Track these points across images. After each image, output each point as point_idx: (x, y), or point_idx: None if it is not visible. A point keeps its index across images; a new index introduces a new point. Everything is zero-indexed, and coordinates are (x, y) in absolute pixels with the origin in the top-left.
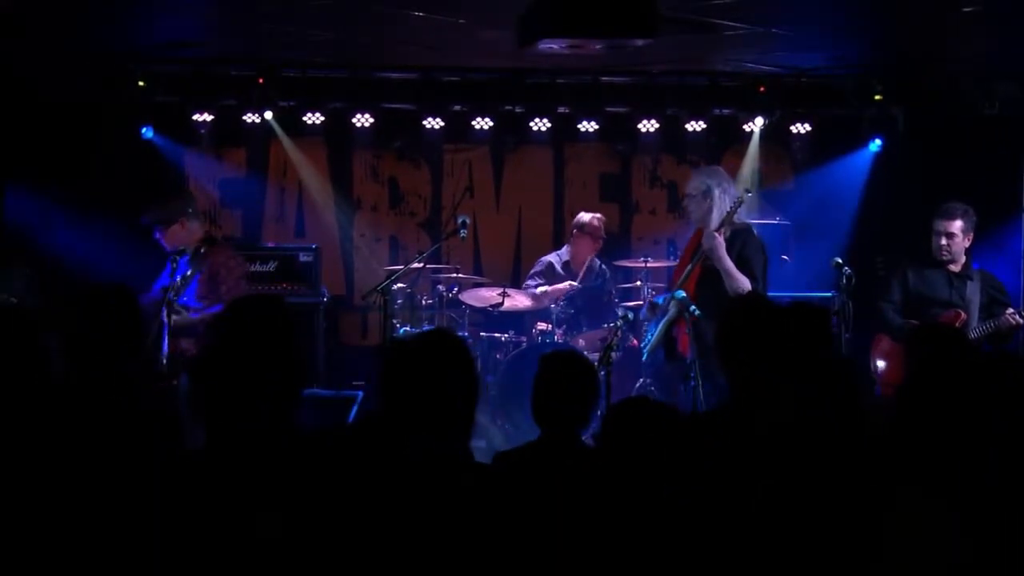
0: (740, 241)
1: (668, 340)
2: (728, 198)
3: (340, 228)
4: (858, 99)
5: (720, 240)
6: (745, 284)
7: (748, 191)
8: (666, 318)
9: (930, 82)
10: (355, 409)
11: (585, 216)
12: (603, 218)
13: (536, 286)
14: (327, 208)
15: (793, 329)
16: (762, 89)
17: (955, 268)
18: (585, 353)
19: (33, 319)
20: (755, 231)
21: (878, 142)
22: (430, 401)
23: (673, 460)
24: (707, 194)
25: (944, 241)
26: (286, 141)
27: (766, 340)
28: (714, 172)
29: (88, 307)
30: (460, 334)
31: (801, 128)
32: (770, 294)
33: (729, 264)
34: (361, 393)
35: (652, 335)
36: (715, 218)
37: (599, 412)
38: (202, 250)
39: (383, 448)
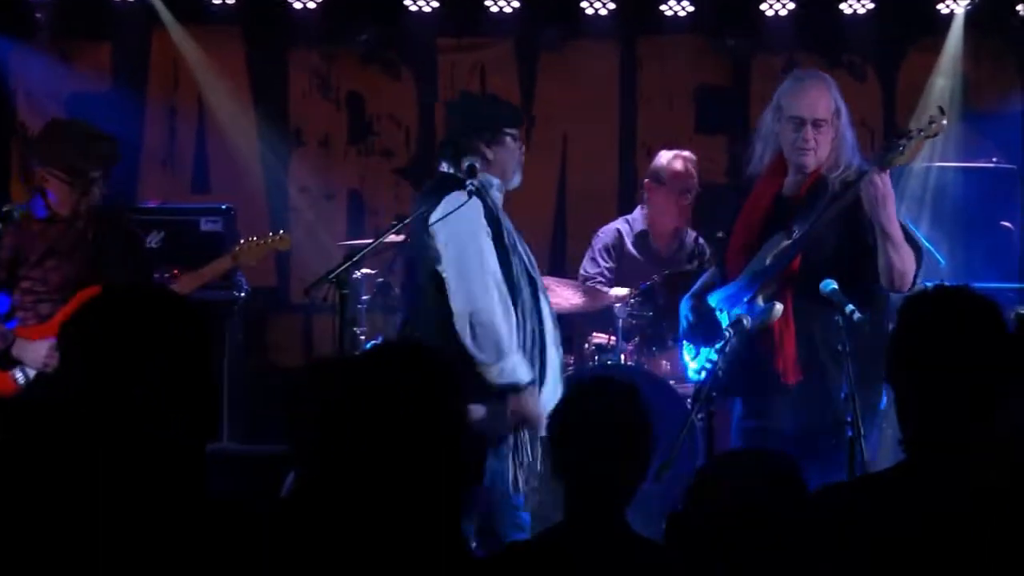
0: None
1: (754, 359)
2: (849, 120)
3: (268, 177)
4: None
5: (887, 186)
6: (910, 261)
7: (933, 120)
8: (753, 322)
9: None
10: (293, 474)
11: (664, 156)
12: (694, 158)
13: (599, 273)
14: (246, 144)
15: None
16: None
17: None
18: (671, 383)
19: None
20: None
21: None
22: (387, 459)
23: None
24: (839, 112)
25: None
26: (178, 32)
27: (974, 358)
28: (831, 78)
29: None
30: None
31: None
32: (981, 286)
33: (897, 228)
34: None
35: (717, 354)
36: (844, 152)
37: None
38: (105, 219)
39: (324, 534)
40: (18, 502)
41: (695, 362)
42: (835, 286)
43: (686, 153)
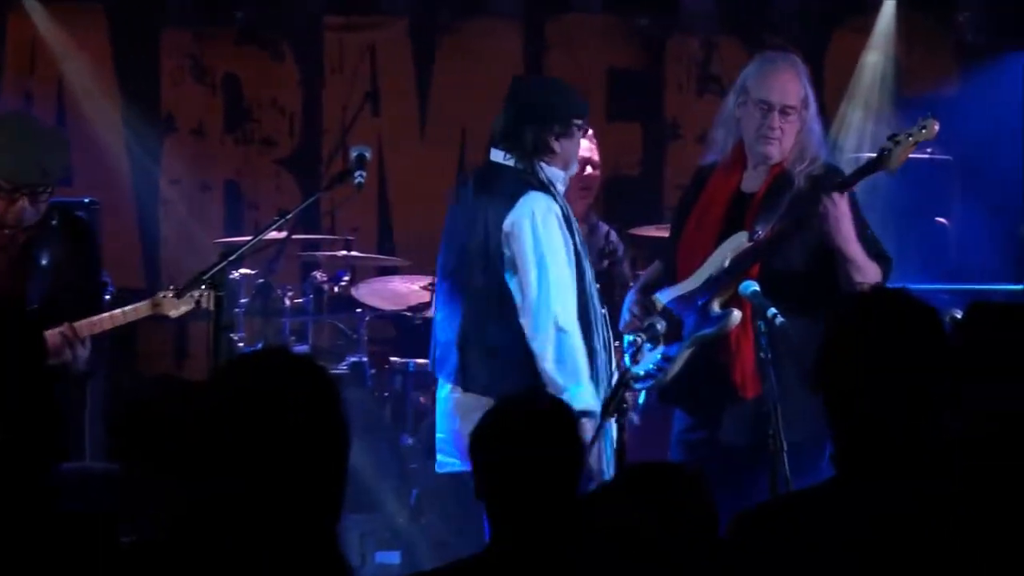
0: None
1: (709, 370)
2: (816, 111)
3: (135, 168)
4: None
5: (845, 206)
6: (875, 278)
7: (924, 126)
8: (702, 333)
9: None
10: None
11: None
12: (590, 136)
13: None
14: (111, 132)
15: (973, 351)
16: None
17: None
18: None
19: None
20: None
21: None
22: (272, 479)
23: None
24: (807, 101)
25: None
26: (36, 10)
27: (917, 367)
28: (801, 61)
29: None
30: (355, 359)
31: None
32: (913, 287)
33: (857, 249)
34: None
35: (665, 361)
36: (811, 145)
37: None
38: (54, 222)
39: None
40: None
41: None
42: (756, 288)
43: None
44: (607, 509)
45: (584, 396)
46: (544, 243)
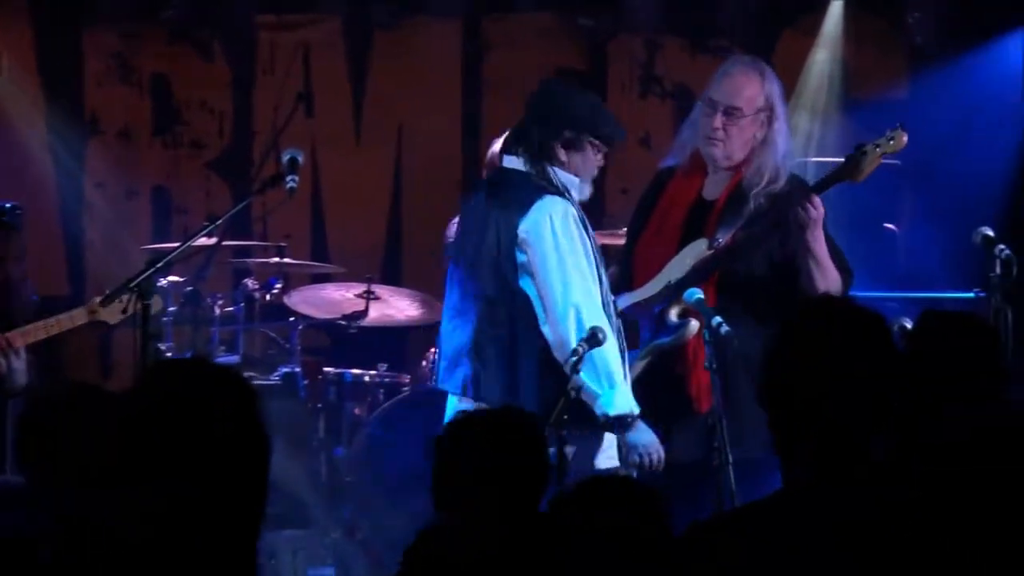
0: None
1: (665, 381)
2: (786, 127)
3: (59, 172)
4: None
5: (819, 210)
6: (835, 284)
7: (892, 137)
8: (658, 343)
9: None
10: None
11: (497, 143)
12: None
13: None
14: (33, 134)
15: (928, 360)
16: None
17: None
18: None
19: None
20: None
21: None
22: (196, 489)
23: None
24: (771, 113)
25: None
26: None
27: (878, 374)
28: (772, 73)
29: None
30: (287, 369)
31: None
32: (862, 295)
33: (825, 250)
34: None
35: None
36: (770, 162)
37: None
38: None
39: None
40: None
41: None
42: (700, 296)
43: None
44: (561, 521)
45: (618, 401)
46: (565, 246)
